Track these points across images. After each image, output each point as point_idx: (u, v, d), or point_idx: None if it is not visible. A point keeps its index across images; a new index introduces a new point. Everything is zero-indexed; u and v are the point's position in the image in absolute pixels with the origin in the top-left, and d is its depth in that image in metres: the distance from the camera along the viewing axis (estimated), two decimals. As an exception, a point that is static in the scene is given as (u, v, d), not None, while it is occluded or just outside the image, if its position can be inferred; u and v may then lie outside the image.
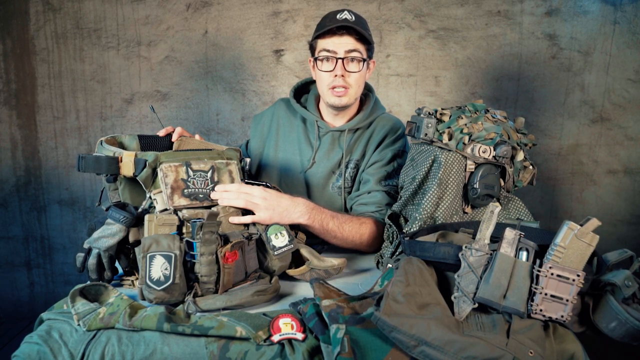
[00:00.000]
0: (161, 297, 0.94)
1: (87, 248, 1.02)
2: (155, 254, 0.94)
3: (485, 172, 1.14)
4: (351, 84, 1.37)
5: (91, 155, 1.04)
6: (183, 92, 2.39)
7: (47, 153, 2.47)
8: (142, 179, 1.06)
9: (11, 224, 2.55)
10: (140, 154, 1.06)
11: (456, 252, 0.88)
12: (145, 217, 1.01)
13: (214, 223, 0.98)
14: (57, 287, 2.61)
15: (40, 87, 2.42)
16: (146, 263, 0.93)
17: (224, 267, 0.98)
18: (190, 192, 1.07)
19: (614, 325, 0.81)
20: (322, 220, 1.23)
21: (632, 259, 0.89)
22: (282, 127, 1.54)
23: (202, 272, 0.97)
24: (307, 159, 1.48)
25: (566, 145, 2.31)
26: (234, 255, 1.00)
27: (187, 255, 0.97)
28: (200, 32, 2.34)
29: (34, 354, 0.81)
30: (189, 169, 1.09)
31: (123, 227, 1.02)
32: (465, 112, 1.17)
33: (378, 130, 1.46)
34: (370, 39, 1.37)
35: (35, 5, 2.34)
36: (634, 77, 2.23)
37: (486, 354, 0.73)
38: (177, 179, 1.06)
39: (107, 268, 1.02)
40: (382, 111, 1.50)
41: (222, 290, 0.99)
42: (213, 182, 1.11)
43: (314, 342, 0.83)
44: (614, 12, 2.19)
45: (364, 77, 1.40)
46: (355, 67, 1.36)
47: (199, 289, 0.97)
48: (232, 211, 1.12)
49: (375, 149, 1.44)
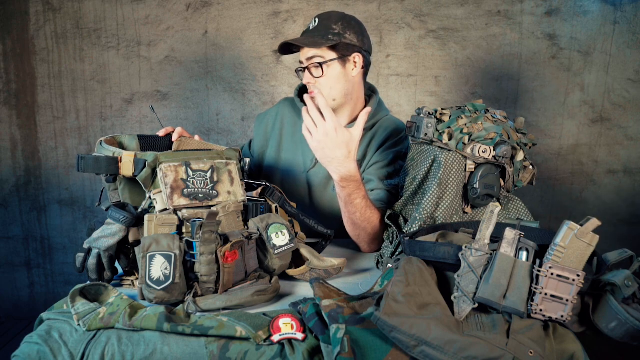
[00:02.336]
0: (161, 297, 0.94)
1: (87, 248, 1.02)
2: (155, 253, 0.94)
3: (485, 172, 1.14)
4: (320, 88, 1.37)
5: (91, 156, 1.04)
6: (183, 92, 2.39)
7: (47, 153, 2.47)
8: (142, 179, 1.06)
9: (11, 224, 2.55)
10: (140, 154, 1.06)
11: (456, 252, 0.88)
12: (145, 217, 1.01)
13: (213, 223, 0.98)
14: (57, 287, 2.61)
15: (40, 87, 2.42)
16: (146, 263, 0.93)
17: (223, 266, 0.98)
18: (190, 192, 1.07)
19: (614, 325, 0.81)
20: (352, 193, 1.23)
21: (632, 259, 0.89)
22: (286, 126, 1.54)
23: (202, 272, 0.97)
24: (309, 159, 1.48)
25: (566, 145, 2.31)
26: (234, 254, 1.00)
27: (187, 255, 0.97)
28: (200, 32, 2.34)
29: (34, 354, 0.81)
30: (189, 169, 1.09)
31: (123, 227, 1.02)
32: (465, 112, 1.17)
33: (381, 132, 1.46)
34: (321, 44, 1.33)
35: (35, 5, 2.34)
36: (634, 77, 2.23)
37: (486, 354, 0.73)
38: (177, 178, 1.07)
39: (107, 268, 1.02)
40: (385, 113, 1.50)
41: (222, 290, 0.99)
42: (213, 182, 1.11)
43: (314, 342, 0.83)
44: (614, 12, 2.19)
45: (337, 79, 1.38)
46: (317, 72, 1.37)
47: (199, 288, 0.97)
48: (232, 211, 1.12)
49: (377, 150, 1.44)
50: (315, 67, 1.36)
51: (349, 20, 1.39)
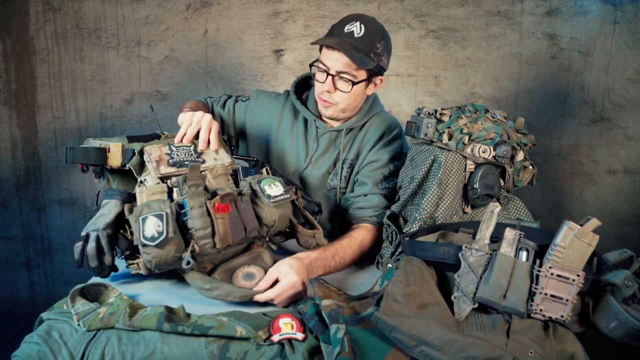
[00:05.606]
0: (158, 255, 0.95)
1: (85, 235, 1.02)
2: (147, 215, 0.96)
3: (485, 172, 1.15)
4: (337, 101, 1.34)
5: (79, 147, 1.08)
6: (183, 92, 2.39)
7: (47, 153, 2.47)
8: (133, 164, 1.10)
9: (11, 224, 2.55)
10: (128, 145, 1.11)
11: (456, 252, 0.88)
12: (136, 189, 1.05)
13: (197, 176, 1.01)
14: (57, 287, 2.61)
15: (40, 87, 2.42)
16: (139, 225, 0.95)
17: (216, 217, 0.99)
18: (174, 161, 1.11)
19: (614, 325, 0.81)
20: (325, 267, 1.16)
21: (632, 259, 0.89)
22: (284, 121, 1.50)
23: (195, 226, 0.98)
24: (303, 159, 1.46)
25: (566, 145, 2.31)
26: (226, 207, 1.01)
27: (180, 215, 0.99)
28: (200, 32, 2.33)
29: (34, 354, 0.81)
30: (171, 146, 1.14)
31: (118, 202, 1.05)
32: (465, 112, 1.17)
33: (373, 129, 1.44)
34: (368, 63, 1.28)
35: (35, 5, 2.34)
36: (634, 77, 2.23)
37: (486, 354, 0.73)
38: (162, 154, 1.11)
39: (107, 250, 1.01)
40: (379, 109, 1.48)
41: (220, 243, 1.00)
42: (197, 153, 1.15)
43: (314, 342, 0.83)
44: (614, 12, 2.19)
45: (356, 96, 1.35)
46: (344, 86, 1.31)
47: (197, 245, 0.98)
48: (220, 173, 1.13)
49: (371, 148, 1.42)
50: (345, 82, 1.30)
51: (387, 39, 1.34)
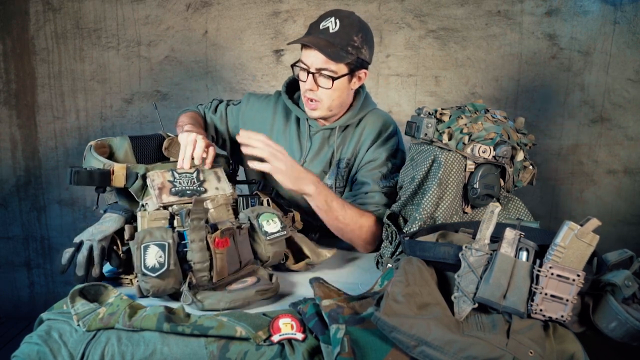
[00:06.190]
0: (157, 285, 0.95)
1: (78, 242, 1.03)
2: (149, 243, 0.96)
3: (485, 172, 1.14)
4: (322, 98, 1.34)
5: (84, 170, 1.08)
6: (183, 92, 2.39)
7: (47, 153, 2.47)
8: (135, 189, 1.11)
9: (11, 224, 2.55)
10: (132, 167, 1.12)
11: (456, 252, 0.88)
12: (138, 214, 1.05)
13: (200, 209, 1.01)
14: (57, 287, 2.61)
15: (40, 87, 2.42)
16: (141, 253, 0.95)
17: (215, 252, 1.00)
18: (177, 190, 1.12)
19: (614, 325, 0.81)
20: (327, 197, 1.23)
21: (632, 259, 0.89)
22: (277, 122, 1.50)
23: (194, 259, 0.98)
24: (297, 158, 1.46)
25: (566, 145, 2.31)
26: (225, 242, 1.02)
27: (180, 245, 0.99)
28: (200, 32, 2.34)
29: (34, 354, 0.81)
30: (174, 173, 1.15)
31: (122, 219, 1.06)
32: (465, 112, 1.17)
33: (369, 127, 1.43)
34: (344, 57, 1.27)
35: (35, 5, 2.34)
36: (634, 77, 2.23)
37: (486, 354, 0.73)
38: (164, 181, 1.12)
39: (97, 263, 1.02)
40: (372, 107, 1.47)
41: (217, 277, 1.00)
42: (199, 181, 1.16)
43: (314, 342, 0.83)
44: (614, 12, 2.19)
45: (340, 92, 1.35)
46: (325, 83, 1.31)
47: (194, 277, 0.98)
48: (221, 204, 1.14)
49: (369, 147, 1.42)
50: (325, 79, 1.31)
51: (366, 31, 1.33)
